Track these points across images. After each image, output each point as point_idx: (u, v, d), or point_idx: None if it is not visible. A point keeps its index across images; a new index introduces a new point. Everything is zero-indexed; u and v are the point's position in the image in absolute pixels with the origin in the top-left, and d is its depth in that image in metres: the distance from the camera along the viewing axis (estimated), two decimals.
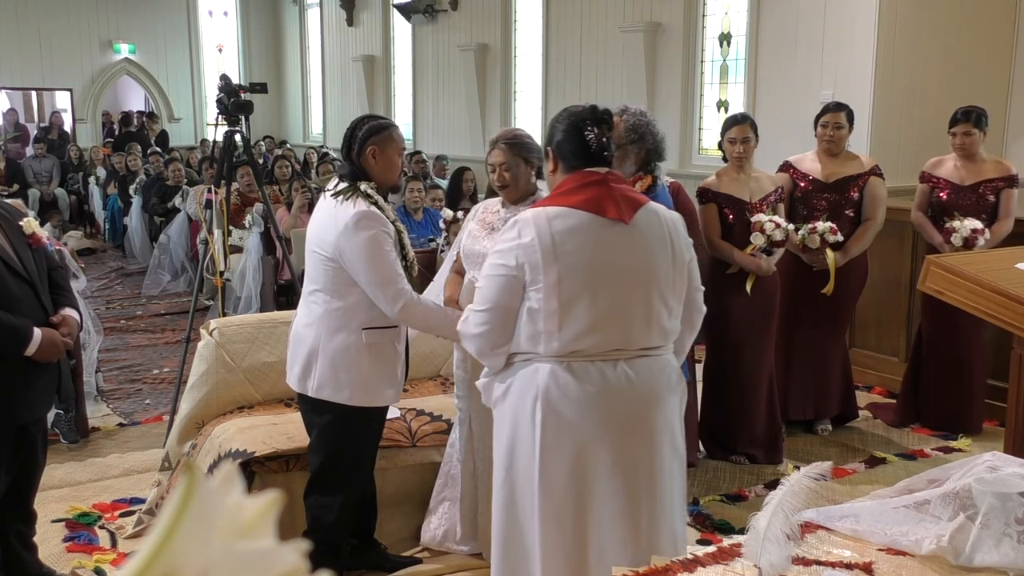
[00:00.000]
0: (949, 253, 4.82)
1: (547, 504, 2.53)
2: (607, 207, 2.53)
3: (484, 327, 2.56)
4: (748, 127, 4.69)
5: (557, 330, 2.48)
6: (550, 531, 2.54)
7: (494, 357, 2.61)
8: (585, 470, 2.52)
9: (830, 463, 2.00)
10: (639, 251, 2.55)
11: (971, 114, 5.07)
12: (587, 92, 9.43)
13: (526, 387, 2.54)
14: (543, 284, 2.48)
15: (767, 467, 4.74)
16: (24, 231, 3.24)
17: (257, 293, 7.35)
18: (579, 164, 2.62)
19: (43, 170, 13.75)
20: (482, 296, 2.59)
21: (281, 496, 0.57)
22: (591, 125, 2.61)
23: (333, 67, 15.19)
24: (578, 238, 2.50)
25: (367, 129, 3.24)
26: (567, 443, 2.51)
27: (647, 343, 2.56)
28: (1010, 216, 5.06)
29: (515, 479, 2.60)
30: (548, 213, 2.53)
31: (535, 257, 2.48)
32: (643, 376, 2.55)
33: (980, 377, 5.23)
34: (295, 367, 3.30)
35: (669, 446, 2.61)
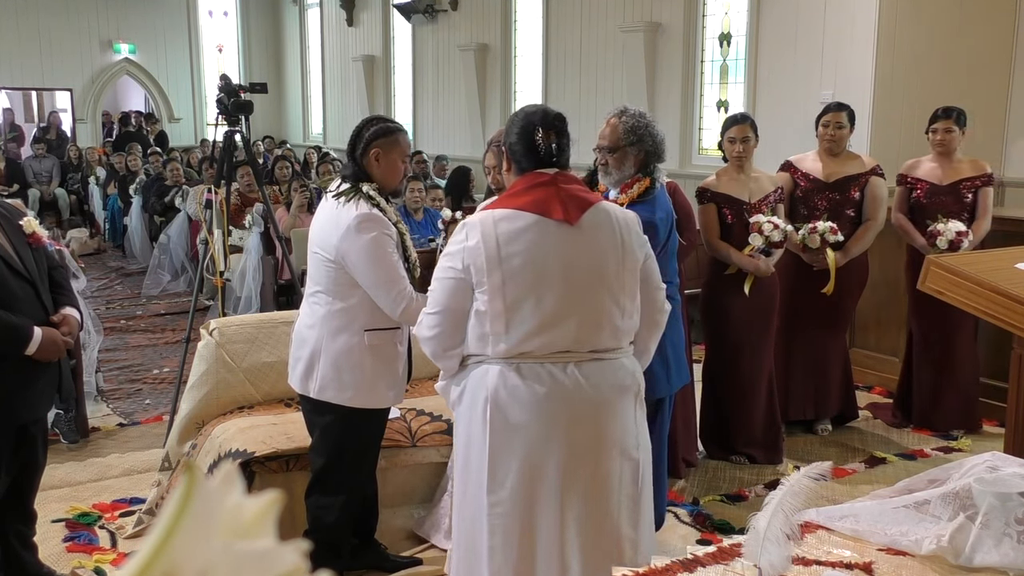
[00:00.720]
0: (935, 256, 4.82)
1: (494, 507, 2.53)
2: (553, 208, 2.53)
3: (436, 329, 2.57)
4: (748, 127, 4.68)
5: (504, 332, 2.49)
6: (496, 536, 2.53)
7: (447, 359, 2.62)
8: (533, 474, 2.51)
9: (830, 463, 1.99)
10: (587, 251, 2.54)
11: (951, 112, 5.09)
12: (587, 92, 9.43)
13: (477, 389, 2.55)
14: (488, 286, 2.49)
15: (767, 467, 4.74)
16: (24, 230, 3.24)
17: (257, 293, 7.35)
18: (529, 166, 2.62)
19: (43, 170, 13.76)
20: (433, 299, 2.60)
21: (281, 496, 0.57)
22: (540, 129, 2.61)
23: (333, 67, 15.18)
24: (523, 240, 2.50)
25: (374, 131, 3.24)
26: (516, 444, 2.51)
27: (598, 344, 2.55)
28: (988, 214, 5.07)
29: (468, 482, 2.61)
30: (495, 215, 2.54)
31: (479, 260, 2.48)
32: (593, 379, 2.53)
33: (972, 376, 5.24)
34: (297, 368, 3.30)
35: (618, 450, 2.58)
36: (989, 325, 3.95)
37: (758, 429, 4.81)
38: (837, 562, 1.89)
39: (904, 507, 2.02)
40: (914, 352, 5.31)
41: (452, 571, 2.75)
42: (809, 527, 2.02)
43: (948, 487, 2.00)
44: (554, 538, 2.53)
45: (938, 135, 5.10)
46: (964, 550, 1.86)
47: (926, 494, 2.03)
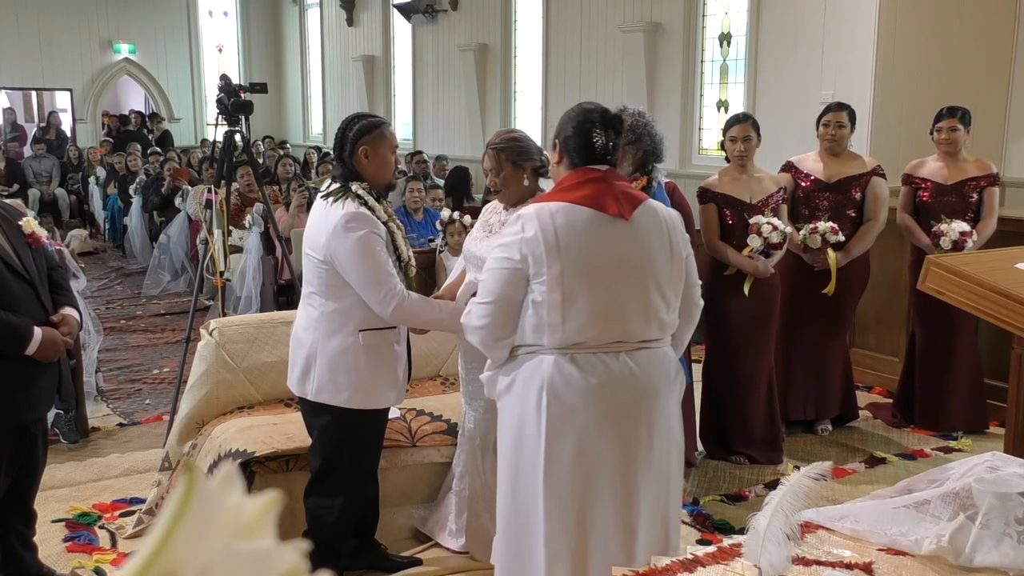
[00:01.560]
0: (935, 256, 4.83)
1: (551, 492, 2.58)
2: (608, 203, 2.60)
3: (487, 319, 2.62)
4: (749, 126, 4.68)
5: (560, 322, 2.55)
6: (554, 519, 2.59)
7: (498, 349, 2.66)
8: (588, 459, 2.58)
9: (830, 463, 1.99)
10: (638, 246, 2.62)
11: (956, 111, 5.09)
12: (587, 92, 9.43)
13: (531, 378, 2.60)
14: (547, 277, 2.54)
15: (767, 467, 4.74)
16: (24, 231, 3.24)
17: (257, 293, 7.35)
18: (582, 162, 2.68)
19: (43, 170, 13.76)
20: (485, 288, 2.64)
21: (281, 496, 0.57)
22: (599, 128, 2.67)
23: (333, 67, 15.18)
24: (580, 233, 2.56)
25: (358, 129, 3.21)
26: (571, 432, 2.57)
27: (646, 335, 2.63)
28: (993, 215, 5.07)
29: (520, 469, 2.65)
30: (550, 208, 2.59)
31: (539, 250, 2.54)
32: (644, 368, 2.61)
33: (974, 376, 5.23)
34: (295, 370, 3.30)
35: (667, 436, 2.68)
36: (989, 325, 3.95)
37: (758, 429, 4.81)
38: (837, 562, 1.89)
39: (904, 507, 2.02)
40: (916, 352, 5.31)
41: (500, 559, 2.77)
42: (809, 527, 2.02)
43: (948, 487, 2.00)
44: (612, 521, 2.60)
45: (943, 134, 5.10)
46: (964, 550, 1.86)
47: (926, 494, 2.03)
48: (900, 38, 6.57)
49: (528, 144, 3.39)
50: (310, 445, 3.40)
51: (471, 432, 3.61)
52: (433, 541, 3.78)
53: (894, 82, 6.58)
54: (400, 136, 13.69)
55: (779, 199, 4.78)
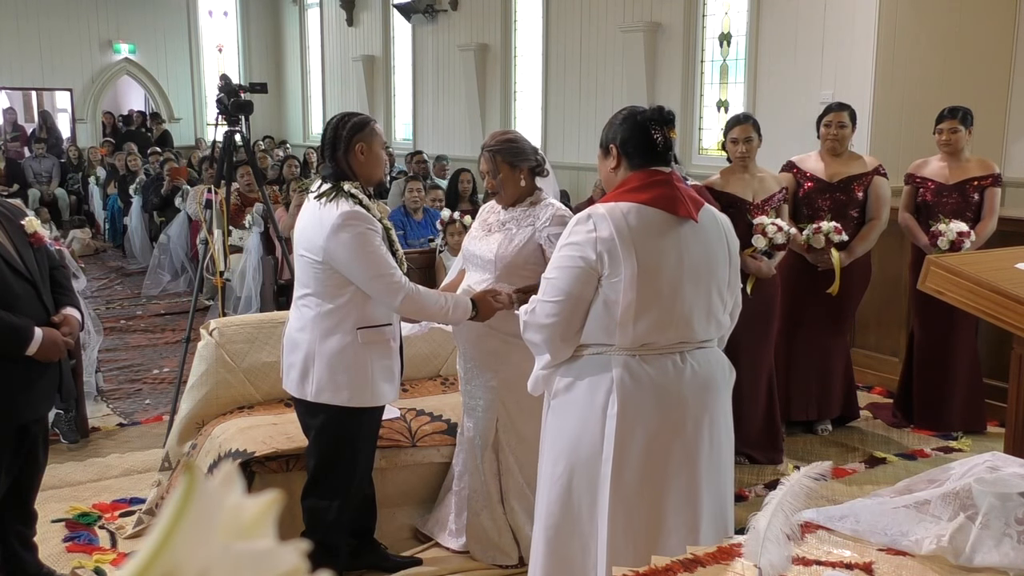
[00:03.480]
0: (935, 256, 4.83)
1: (617, 493, 2.59)
2: (678, 205, 2.61)
3: (555, 318, 2.61)
4: (750, 127, 4.68)
5: (632, 323, 2.55)
6: (618, 520, 2.59)
7: (563, 348, 2.66)
8: (656, 458, 2.60)
9: (830, 463, 1.99)
10: (704, 249, 2.64)
11: (957, 111, 5.09)
12: (587, 92, 9.43)
13: (598, 379, 2.60)
14: (623, 276, 2.54)
15: (767, 467, 4.74)
16: (26, 230, 3.24)
17: (257, 293, 7.35)
18: (644, 163, 2.67)
19: (43, 170, 13.76)
20: (554, 287, 2.62)
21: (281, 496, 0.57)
22: (658, 125, 2.67)
23: (333, 67, 15.18)
24: (653, 233, 2.58)
25: (352, 126, 3.19)
26: (640, 433, 2.58)
27: (706, 336, 2.68)
28: (994, 215, 5.07)
29: (575, 470, 2.65)
30: (622, 208, 2.59)
31: (615, 250, 2.54)
32: (704, 367, 2.65)
33: (973, 376, 5.23)
34: (291, 372, 3.28)
35: (727, 432, 2.74)
36: (989, 325, 3.95)
37: (758, 429, 4.80)
38: (837, 562, 1.89)
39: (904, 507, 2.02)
40: (915, 352, 5.31)
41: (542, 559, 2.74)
42: (809, 527, 2.02)
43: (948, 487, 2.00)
44: (677, 518, 2.62)
45: (944, 135, 5.10)
46: (964, 550, 1.86)
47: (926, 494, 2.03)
48: (900, 38, 6.57)
49: (523, 144, 3.39)
50: (308, 446, 3.39)
51: (470, 432, 3.61)
52: (433, 541, 3.78)
53: (894, 82, 6.58)
54: (400, 136, 13.70)
55: (781, 199, 4.78)
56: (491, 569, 3.60)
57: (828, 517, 2.04)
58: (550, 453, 2.76)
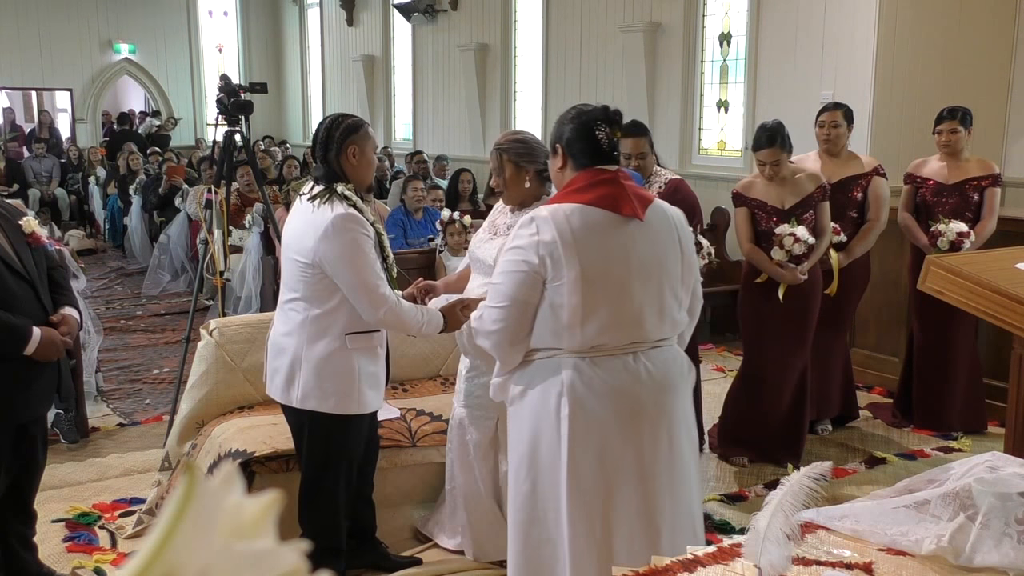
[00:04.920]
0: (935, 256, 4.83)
1: (575, 498, 2.56)
2: (622, 204, 2.58)
3: (502, 323, 2.59)
4: (778, 150, 4.53)
5: (580, 325, 2.52)
6: (578, 524, 2.57)
7: (512, 353, 2.64)
8: (611, 463, 2.56)
9: (830, 463, 1.99)
10: (652, 246, 2.61)
11: (956, 112, 5.09)
12: (587, 92, 9.42)
13: (549, 383, 2.57)
14: (565, 280, 2.51)
15: (767, 467, 4.74)
16: (24, 230, 3.24)
17: (257, 293, 7.35)
18: (589, 162, 2.65)
19: (43, 170, 13.76)
20: (499, 292, 2.60)
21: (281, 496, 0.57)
22: (603, 124, 2.64)
23: (333, 67, 15.18)
24: (596, 234, 2.54)
25: (345, 128, 3.17)
26: (594, 437, 2.55)
27: (660, 335, 2.63)
28: (994, 215, 5.06)
29: (537, 475, 2.63)
30: (564, 210, 2.56)
31: (557, 253, 2.51)
32: (660, 367, 2.61)
33: (973, 376, 5.23)
34: (276, 378, 3.24)
35: (687, 434, 2.69)
36: (989, 325, 3.95)
37: (776, 430, 4.77)
38: (837, 562, 1.89)
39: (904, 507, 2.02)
40: (915, 352, 5.31)
41: (516, 565, 2.72)
42: (809, 527, 2.02)
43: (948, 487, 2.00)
44: (636, 520, 2.59)
45: (943, 136, 5.10)
46: (964, 550, 1.86)
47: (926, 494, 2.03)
48: (900, 38, 6.57)
49: (533, 146, 3.35)
50: (298, 452, 3.37)
51: (462, 429, 3.59)
52: (432, 542, 3.78)
53: (894, 82, 6.58)
54: (400, 136, 13.70)
55: (819, 197, 4.64)
56: (489, 569, 3.60)
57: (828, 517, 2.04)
58: (513, 460, 2.74)
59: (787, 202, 4.63)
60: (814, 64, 7.06)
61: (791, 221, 4.59)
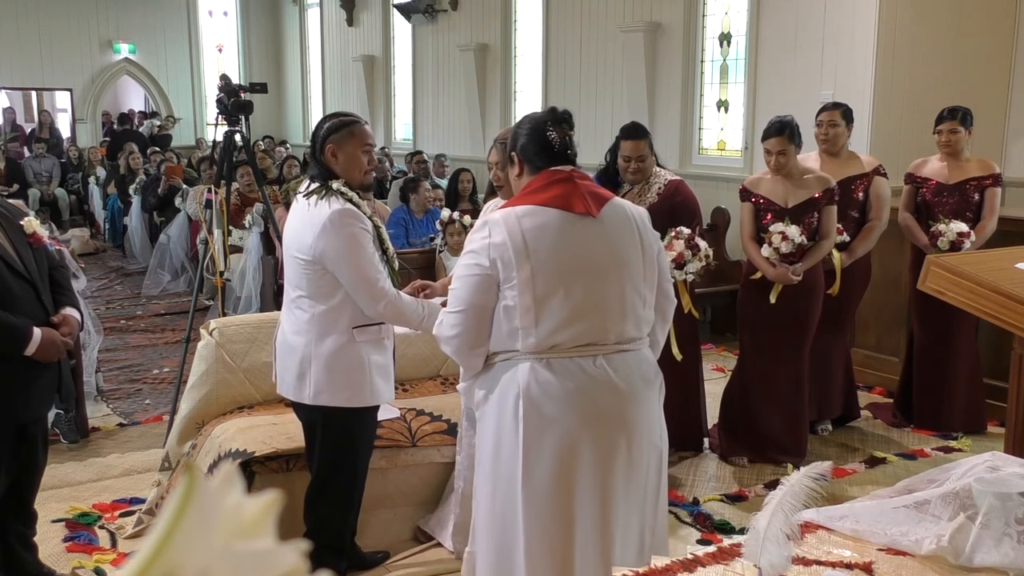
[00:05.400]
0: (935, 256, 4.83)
1: (530, 501, 2.53)
2: (574, 202, 2.57)
3: (459, 328, 2.58)
4: (785, 140, 4.55)
5: (533, 325, 2.51)
6: (534, 528, 2.54)
7: (472, 357, 2.63)
8: (568, 466, 2.53)
9: (830, 463, 1.99)
10: (609, 244, 2.59)
11: (957, 112, 5.09)
12: (587, 92, 9.43)
13: (507, 386, 2.56)
14: (517, 281, 2.50)
15: (767, 467, 4.74)
16: (25, 230, 3.24)
17: (257, 293, 7.35)
18: (543, 164, 2.66)
19: (43, 170, 13.77)
20: (456, 297, 2.60)
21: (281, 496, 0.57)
22: (552, 126, 2.66)
23: (333, 67, 15.18)
24: (548, 234, 2.53)
25: (327, 128, 3.20)
26: (549, 439, 2.52)
27: (623, 335, 2.59)
28: (994, 215, 5.06)
29: (498, 479, 2.61)
30: (516, 212, 2.56)
31: (507, 255, 2.51)
32: (621, 371, 2.57)
33: (973, 376, 5.23)
34: (287, 376, 3.25)
35: (647, 441, 2.62)
36: (989, 325, 3.95)
37: (777, 431, 4.77)
38: (837, 562, 1.89)
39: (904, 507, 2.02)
40: (915, 352, 5.31)
41: (482, 570, 2.72)
42: (809, 527, 2.02)
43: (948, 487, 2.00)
44: (593, 528, 2.56)
45: (943, 136, 5.10)
46: (964, 550, 1.86)
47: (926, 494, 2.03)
48: (900, 38, 6.57)
49: None
50: (311, 450, 3.37)
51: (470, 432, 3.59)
52: (434, 541, 3.78)
53: (894, 82, 6.58)
54: (400, 136, 13.69)
55: (824, 202, 4.64)
56: None
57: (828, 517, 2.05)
58: (478, 467, 2.74)
59: (791, 200, 4.64)
60: (814, 64, 7.06)
61: (785, 220, 4.60)
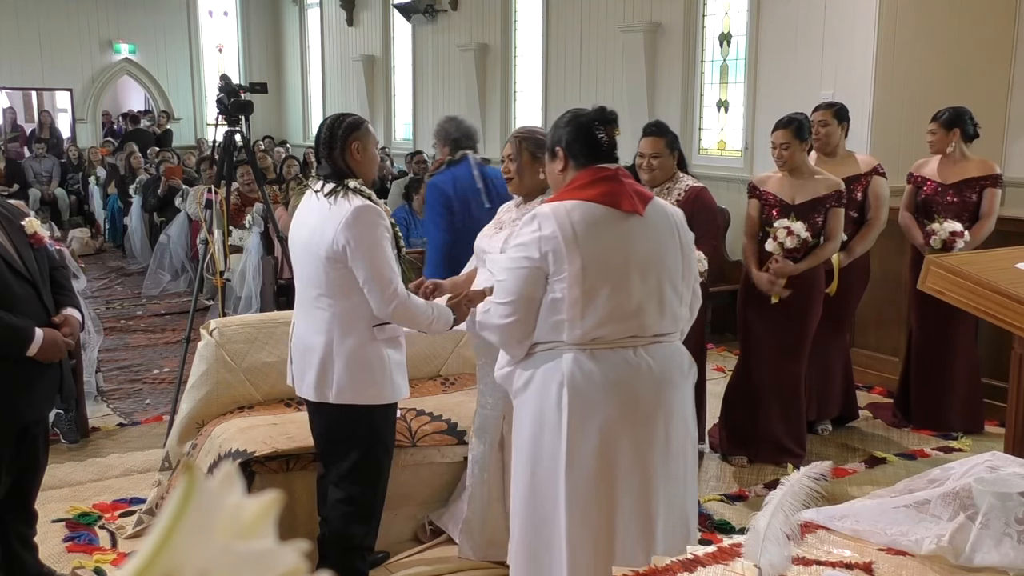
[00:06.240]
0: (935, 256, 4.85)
1: (573, 488, 2.61)
2: (622, 200, 2.65)
3: (509, 319, 2.66)
4: (790, 133, 4.59)
5: (579, 318, 2.59)
6: (575, 514, 2.62)
7: (518, 347, 2.71)
8: (610, 454, 2.62)
9: (830, 463, 1.99)
10: (652, 242, 2.68)
11: (940, 115, 5.13)
12: (587, 92, 9.42)
13: (550, 375, 2.64)
14: (567, 274, 2.58)
15: (767, 467, 4.74)
16: (26, 231, 3.24)
17: (257, 293, 7.34)
18: (589, 162, 2.73)
19: (43, 170, 13.77)
20: (504, 288, 2.67)
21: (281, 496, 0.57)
22: (601, 125, 2.74)
23: (333, 67, 15.18)
24: (597, 229, 2.62)
25: (347, 125, 3.21)
26: (592, 427, 2.61)
27: (660, 329, 2.70)
28: (992, 215, 5.07)
29: (539, 466, 2.69)
30: (566, 206, 2.64)
31: (559, 248, 2.58)
32: (660, 362, 2.67)
33: (972, 376, 5.23)
34: (307, 376, 3.21)
35: (683, 429, 2.74)
36: (989, 325, 3.95)
37: (778, 431, 4.77)
38: (837, 562, 1.89)
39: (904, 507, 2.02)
40: (914, 352, 5.31)
41: (519, 556, 2.78)
42: (809, 527, 2.02)
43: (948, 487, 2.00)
44: (631, 515, 2.65)
45: (927, 137, 5.17)
46: (964, 550, 1.86)
47: (926, 494, 2.03)
48: (900, 38, 6.57)
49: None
50: (332, 451, 3.29)
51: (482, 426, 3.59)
52: (432, 541, 3.79)
53: (894, 82, 6.58)
54: (400, 136, 13.69)
55: (832, 202, 4.66)
56: (487, 568, 3.60)
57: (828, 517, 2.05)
58: (515, 453, 2.80)
59: (798, 197, 4.65)
60: (814, 64, 7.06)
61: (791, 217, 4.60)
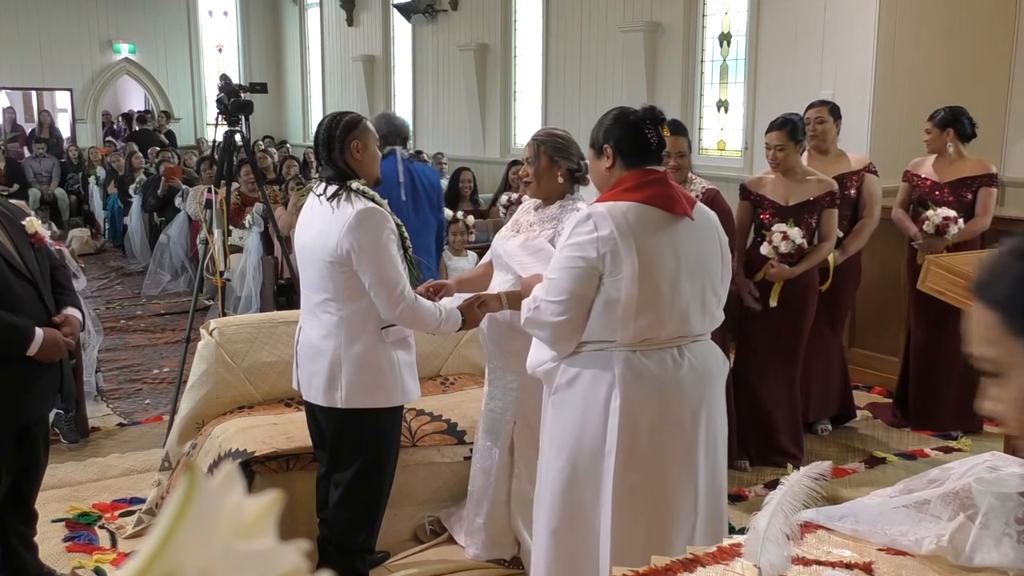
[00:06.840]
0: (923, 241, 4.98)
1: (623, 487, 2.64)
2: (674, 203, 2.68)
3: (561, 316, 2.66)
4: (784, 135, 4.60)
5: (633, 319, 2.62)
6: (625, 513, 2.65)
7: (566, 345, 2.72)
8: (658, 451, 2.66)
9: (830, 463, 1.99)
10: (698, 244, 2.73)
11: (936, 115, 5.15)
12: (587, 92, 9.42)
13: (599, 374, 2.66)
14: (624, 275, 2.60)
15: (767, 467, 4.74)
16: (27, 230, 3.24)
17: (257, 293, 7.34)
18: (638, 162, 2.74)
19: (43, 170, 13.77)
20: (557, 287, 2.68)
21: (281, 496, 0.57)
22: (651, 125, 2.75)
23: (333, 67, 15.18)
24: (651, 231, 2.65)
25: (345, 124, 3.17)
26: (643, 427, 2.64)
27: (701, 330, 2.76)
28: (987, 214, 5.08)
29: (578, 464, 2.70)
30: (621, 207, 2.65)
31: (616, 248, 2.60)
32: (701, 360, 2.73)
33: (972, 377, 5.22)
34: (315, 381, 3.19)
35: (722, 424, 2.82)
36: None
37: (778, 432, 4.77)
38: (837, 562, 1.89)
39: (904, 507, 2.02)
40: (913, 352, 5.31)
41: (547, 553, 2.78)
42: (809, 527, 2.02)
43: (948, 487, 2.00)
44: (684, 509, 2.70)
45: (923, 136, 5.21)
46: (964, 550, 1.86)
47: (926, 494, 2.03)
48: (900, 38, 6.57)
49: (569, 145, 3.37)
50: (340, 454, 3.27)
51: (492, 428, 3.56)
52: (432, 541, 3.78)
53: (894, 82, 6.58)
54: None
55: (825, 204, 4.67)
56: (487, 568, 3.60)
57: (828, 517, 2.04)
58: (551, 448, 2.79)
59: (791, 199, 4.66)
60: (814, 64, 7.06)
61: (789, 222, 4.60)
